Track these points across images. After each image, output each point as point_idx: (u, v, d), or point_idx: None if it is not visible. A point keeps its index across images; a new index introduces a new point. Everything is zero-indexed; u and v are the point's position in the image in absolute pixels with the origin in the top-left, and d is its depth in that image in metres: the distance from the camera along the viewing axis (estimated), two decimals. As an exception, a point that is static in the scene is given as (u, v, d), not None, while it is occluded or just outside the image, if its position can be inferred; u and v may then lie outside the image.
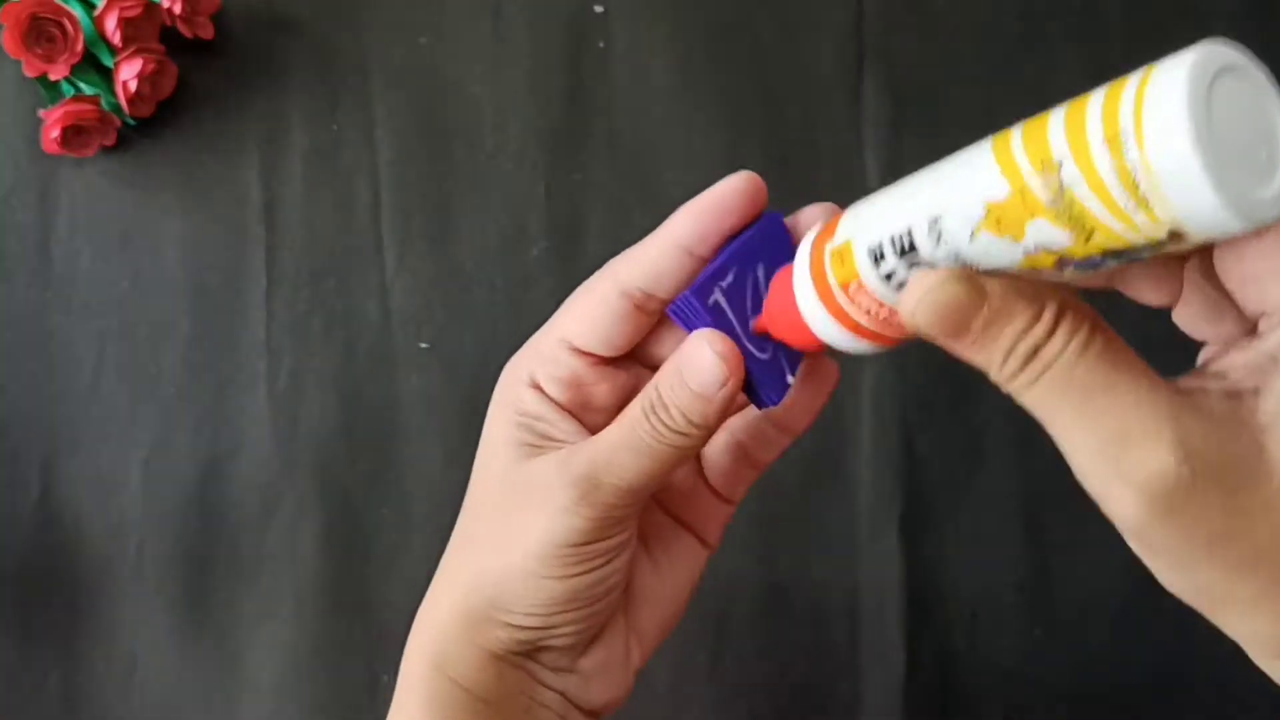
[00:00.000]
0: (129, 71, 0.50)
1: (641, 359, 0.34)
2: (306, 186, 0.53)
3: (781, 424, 0.35)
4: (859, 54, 0.54)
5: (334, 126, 0.53)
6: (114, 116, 0.51)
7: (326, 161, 0.53)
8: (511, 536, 0.32)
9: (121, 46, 0.50)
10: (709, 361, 0.30)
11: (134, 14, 0.50)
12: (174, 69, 0.52)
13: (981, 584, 0.52)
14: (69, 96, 0.51)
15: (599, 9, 0.54)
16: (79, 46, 0.50)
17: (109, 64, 0.51)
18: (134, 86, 0.50)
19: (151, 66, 0.50)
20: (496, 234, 0.53)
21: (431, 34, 0.54)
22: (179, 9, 0.51)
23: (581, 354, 0.33)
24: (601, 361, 0.33)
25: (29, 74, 0.50)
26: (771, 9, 0.55)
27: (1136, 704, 0.51)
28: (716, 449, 0.36)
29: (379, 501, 0.52)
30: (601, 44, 0.54)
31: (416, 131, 0.53)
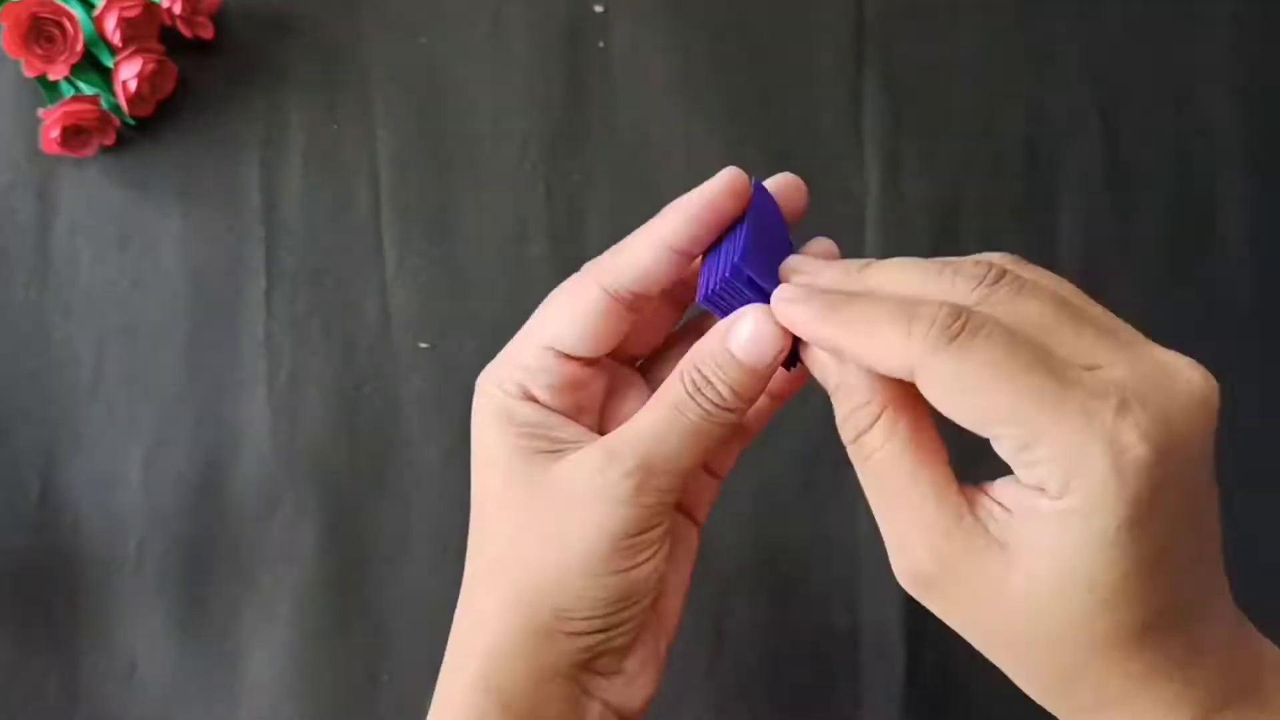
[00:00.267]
0: (129, 71, 0.50)
1: (614, 352, 0.34)
2: (306, 186, 0.53)
3: (774, 391, 0.35)
4: (859, 54, 0.54)
5: (334, 126, 0.53)
6: (113, 116, 0.51)
7: (326, 161, 0.53)
8: (564, 539, 0.32)
9: (121, 46, 0.50)
10: (761, 333, 0.30)
11: (134, 14, 0.50)
12: (174, 69, 0.52)
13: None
14: (68, 96, 0.51)
15: (599, 9, 0.54)
16: (79, 46, 0.50)
17: (109, 64, 0.51)
18: (134, 86, 0.50)
19: (151, 66, 0.50)
20: (496, 234, 0.53)
21: (431, 34, 0.54)
22: (179, 9, 0.51)
23: (569, 358, 0.33)
24: (585, 363, 0.33)
25: (28, 74, 0.50)
26: (771, 9, 0.55)
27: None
28: None
29: (379, 501, 0.52)
30: (601, 44, 0.54)
31: (416, 131, 0.53)
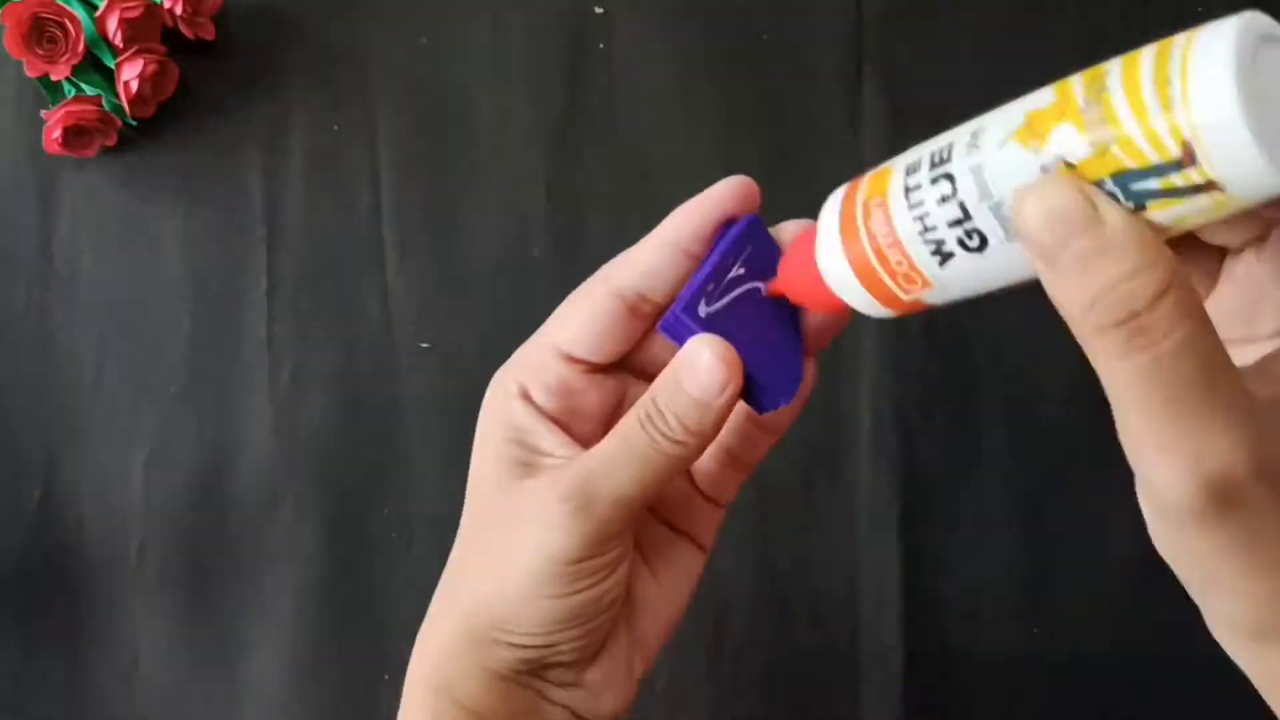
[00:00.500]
0: (130, 72, 0.50)
1: (630, 367, 0.34)
2: (307, 187, 0.53)
3: (766, 425, 0.35)
4: (859, 54, 0.54)
5: (335, 127, 0.53)
6: (115, 117, 0.51)
7: (327, 162, 0.53)
8: (507, 557, 0.31)
9: (123, 47, 0.50)
10: (709, 365, 0.30)
11: (135, 15, 0.50)
12: (175, 70, 0.52)
13: (981, 583, 0.52)
14: (70, 97, 0.51)
15: (599, 9, 0.54)
16: (80, 47, 0.50)
17: (110, 64, 0.51)
18: (135, 87, 0.50)
19: (153, 67, 0.50)
20: (496, 234, 0.53)
21: (431, 34, 0.54)
22: (180, 10, 0.51)
23: (573, 361, 0.33)
24: (592, 369, 0.33)
25: (30, 74, 0.50)
26: (771, 9, 0.55)
27: (1135, 703, 0.51)
28: (704, 456, 0.35)
29: (379, 501, 0.52)
30: (601, 44, 0.54)
31: (417, 132, 0.54)
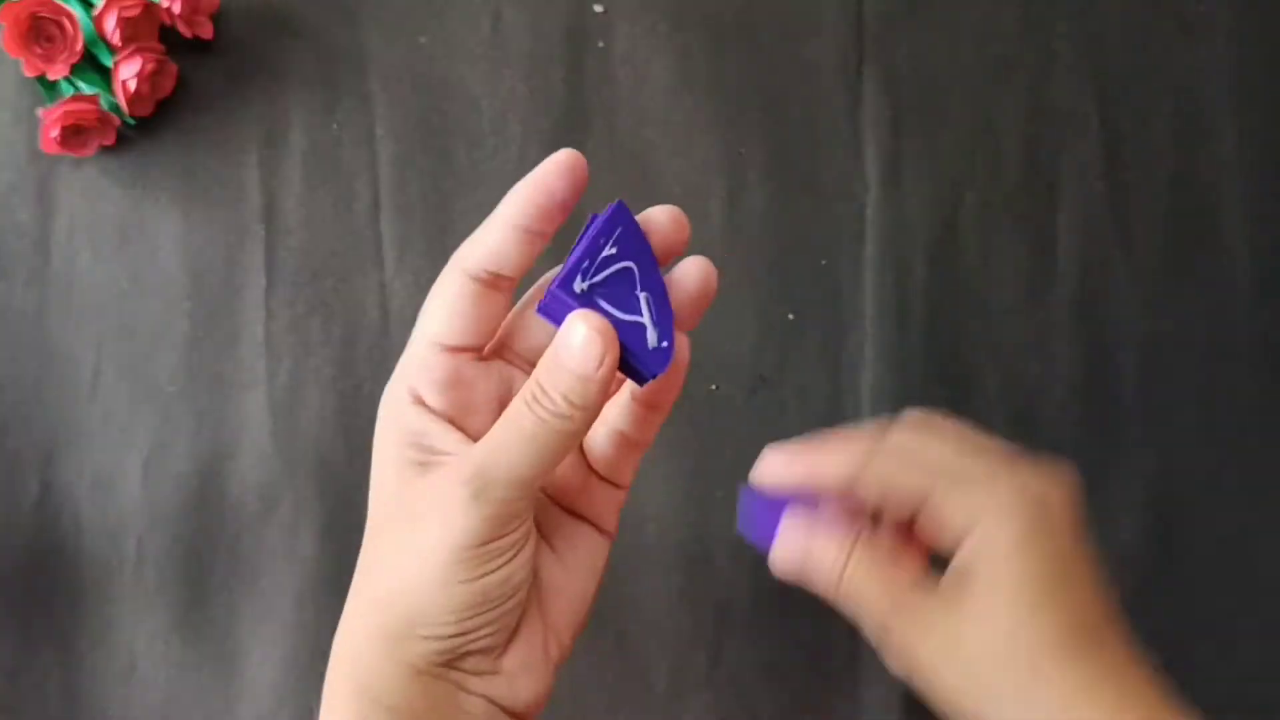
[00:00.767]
0: (128, 71, 0.50)
1: (511, 359, 0.36)
2: (306, 186, 0.53)
3: (650, 403, 0.36)
4: (859, 54, 0.54)
5: (334, 126, 0.53)
6: (113, 116, 0.51)
7: (326, 161, 0.53)
8: (413, 549, 0.32)
9: (121, 46, 0.50)
10: (584, 339, 0.31)
11: (133, 13, 0.50)
12: (173, 69, 0.52)
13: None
14: (68, 96, 0.51)
15: (599, 9, 0.54)
16: (78, 46, 0.50)
17: (108, 63, 0.51)
18: (133, 86, 0.50)
19: (151, 66, 0.50)
20: (496, 234, 0.53)
21: (431, 34, 0.54)
22: (178, 8, 0.51)
23: (452, 351, 0.34)
24: (473, 356, 0.34)
25: (28, 73, 0.50)
26: (771, 9, 0.55)
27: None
28: (598, 440, 0.37)
29: (379, 501, 0.51)
30: (601, 44, 0.54)
31: (416, 131, 0.53)
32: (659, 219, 0.34)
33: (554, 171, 0.33)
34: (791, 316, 0.53)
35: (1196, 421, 0.53)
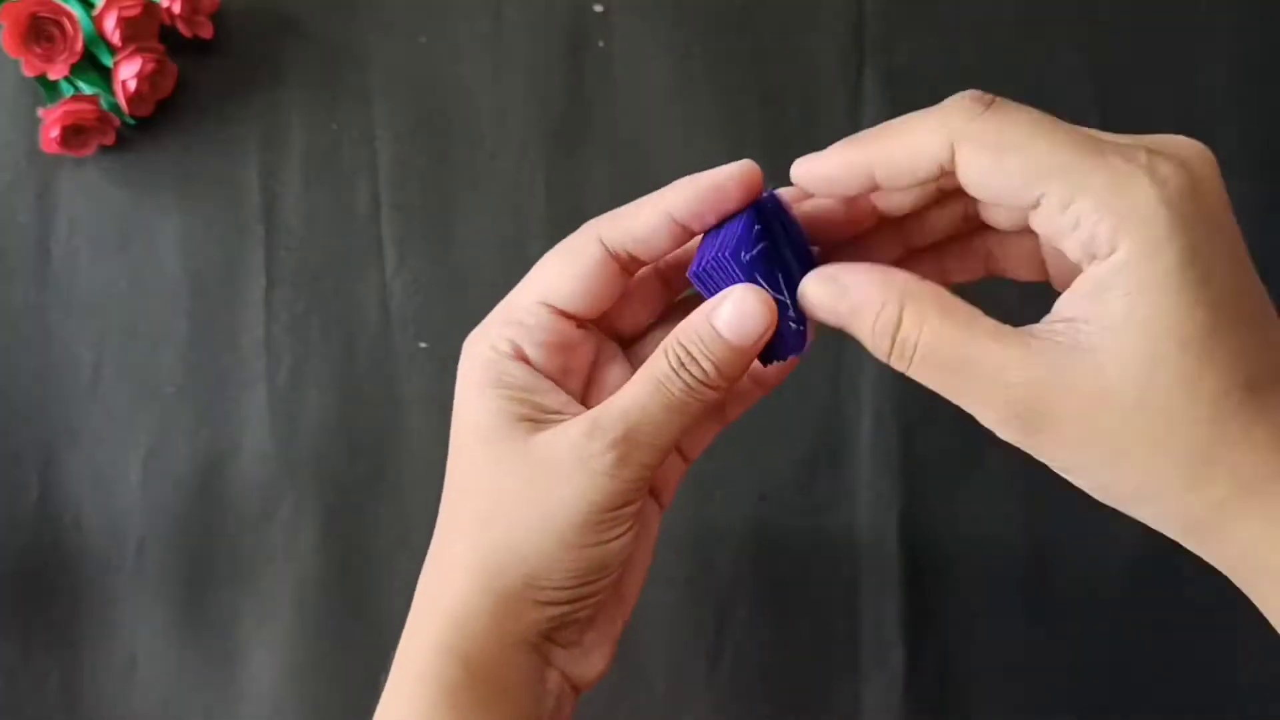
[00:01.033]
0: (128, 71, 0.50)
1: (602, 325, 0.35)
2: (306, 186, 0.53)
3: (764, 380, 0.36)
4: (859, 54, 0.54)
5: (333, 126, 0.53)
6: (113, 116, 0.51)
7: (326, 161, 0.53)
8: (543, 507, 0.32)
9: (121, 46, 0.50)
10: (752, 313, 0.31)
11: (133, 13, 0.50)
12: (173, 68, 0.52)
13: (982, 583, 0.52)
14: (68, 96, 0.51)
15: (599, 9, 0.54)
16: (78, 46, 0.50)
17: (108, 63, 0.51)
18: (133, 86, 0.50)
19: (151, 66, 0.50)
20: (496, 234, 0.53)
21: (431, 34, 0.54)
22: (178, 8, 0.51)
23: (563, 315, 0.33)
24: (579, 324, 0.34)
25: (28, 73, 0.50)
26: (771, 9, 0.55)
27: (1137, 703, 0.51)
28: None
29: (379, 501, 0.52)
30: (601, 44, 0.54)
31: (416, 131, 0.53)
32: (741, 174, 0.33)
33: (732, 177, 0.32)
34: (791, 316, 0.53)
35: (1196, 421, 0.53)
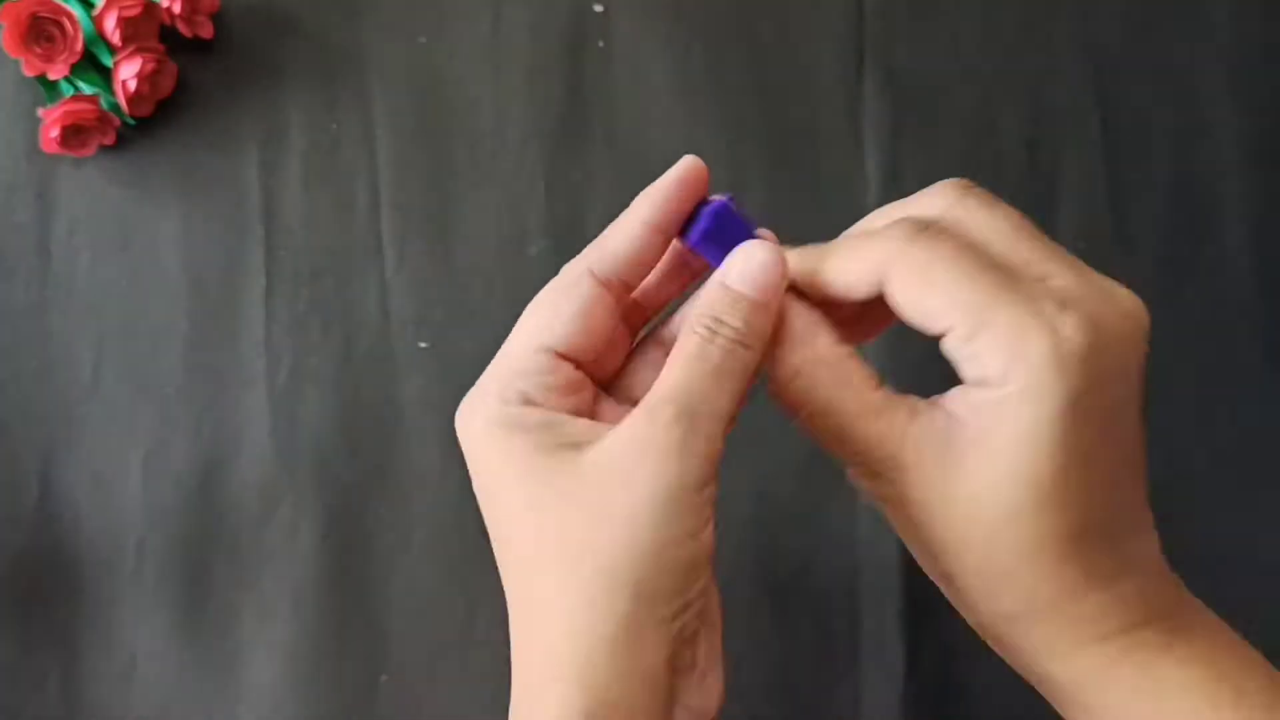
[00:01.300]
0: (128, 71, 0.50)
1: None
2: (306, 186, 0.53)
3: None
4: (859, 54, 0.54)
5: (333, 126, 0.53)
6: (113, 116, 0.51)
7: (326, 161, 0.53)
8: (624, 511, 0.29)
9: (121, 46, 0.50)
10: (767, 259, 0.31)
11: (133, 13, 0.50)
12: (173, 68, 0.52)
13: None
14: (68, 96, 0.51)
15: (599, 9, 0.54)
16: (78, 46, 0.50)
17: (108, 63, 0.51)
18: (133, 86, 0.50)
19: (151, 66, 0.50)
20: (496, 234, 0.53)
21: (431, 34, 0.54)
22: (178, 8, 0.51)
23: (565, 359, 0.32)
24: (578, 365, 0.33)
25: (28, 73, 0.50)
26: (771, 9, 0.55)
27: (1136, 704, 0.51)
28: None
29: (379, 501, 0.51)
30: (601, 44, 0.54)
31: (416, 131, 0.53)
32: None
33: (687, 171, 0.33)
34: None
35: (1196, 421, 0.53)
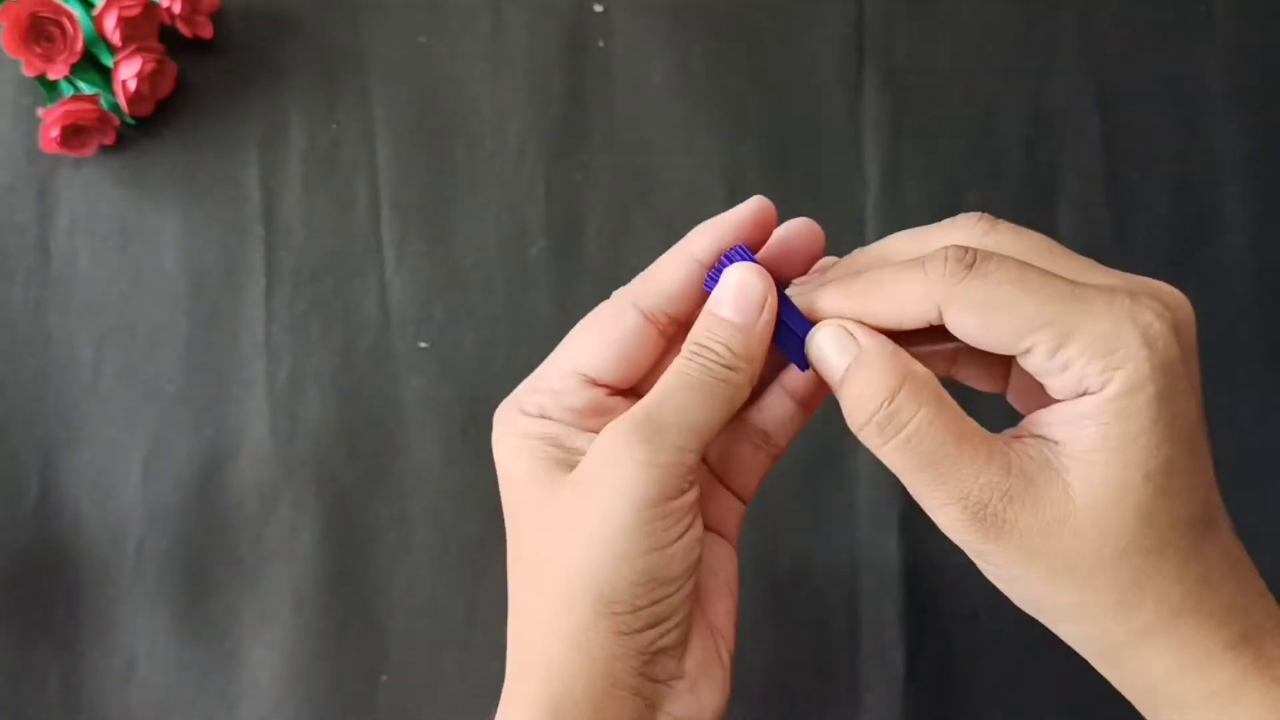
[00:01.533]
0: (128, 71, 0.50)
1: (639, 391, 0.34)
2: (306, 186, 0.53)
3: (806, 401, 0.35)
4: (859, 54, 0.54)
5: (333, 126, 0.53)
6: (113, 116, 0.51)
7: (326, 161, 0.53)
8: (587, 520, 0.30)
9: (121, 46, 0.50)
10: (739, 284, 0.31)
11: (133, 13, 0.50)
12: (173, 68, 0.52)
13: (981, 584, 0.51)
14: (68, 96, 0.51)
15: (599, 9, 0.54)
16: (78, 46, 0.50)
17: (108, 63, 0.51)
18: (133, 86, 0.50)
19: (151, 66, 0.50)
20: (496, 234, 0.53)
21: (431, 33, 0.54)
22: (178, 8, 0.51)
23: (596, 385, 0.33)
24: (614, 391, 0.33)
25: (28, 73, 0.50)
26: (771, 9, 0.55)
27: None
28: (733, 445, 0.35)
29: (379, 501, 0.52)
30: (601, 44, 0.54)
31: (416, 131, 0.53)
32: (799, 233, 0.34)
33: (751, 213, 0.33)
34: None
35: (1196, 421, 0.53)
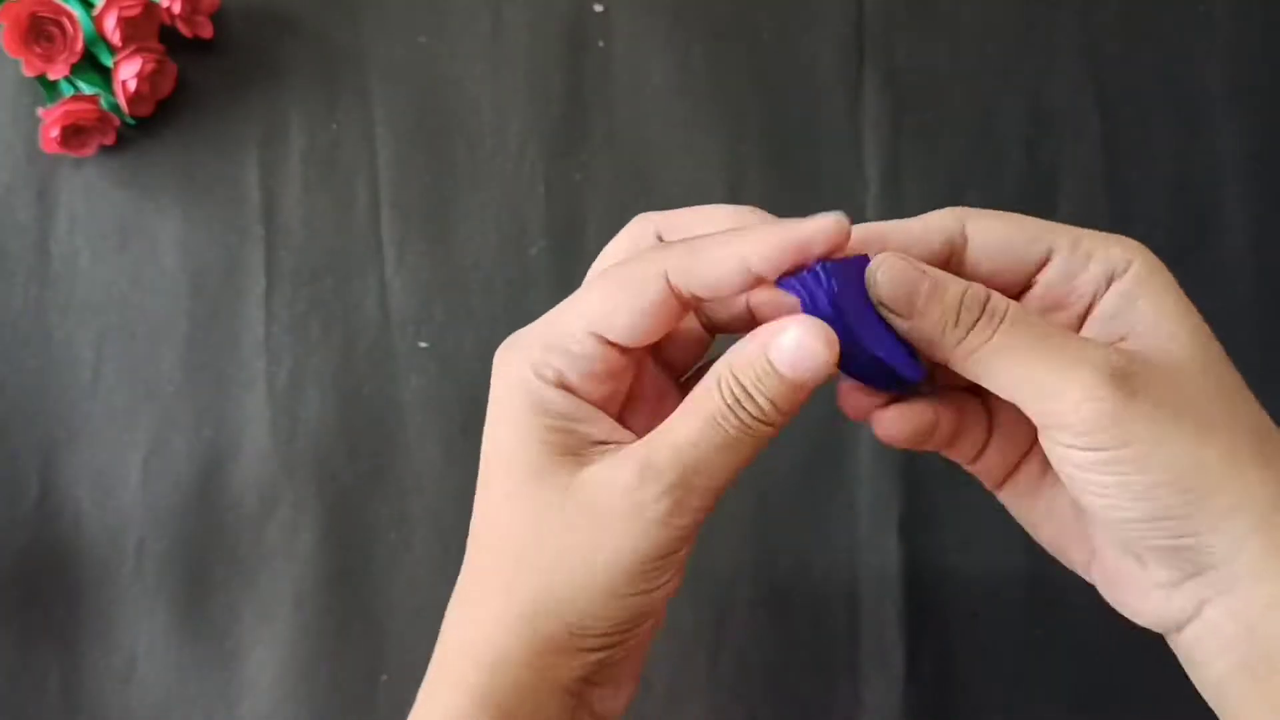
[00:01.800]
0: (128, 71, 0.50)
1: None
2: (305, 186, 0.53)
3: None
4: (859, 54, 0.54)
5: (333, 126, 0.53)
6: (113, 116, 0.51)
7: (326, 161, 0.53)
8: (589, 555, 0.30)
9: (121, 46, 0.50)
10: (818, 351, 0.29)
11: (133, 13, 0.50)
12: (173, 68, 0.52)
13: (981, 584, 0.52)
14: (68, 96, 0.51)
15: (599, 9, 0.54)
16: (78, 46, 0.50)
17: (108, 63, 0.51)
18: (133, 86, 0.50)
19: (151, 66, 0.50)
20: (496, 234, 0.53)
21: (431, 33, 0.54)
22: (178, 8, 0.51)
23: (612, 346, 0.31)
24: (625, 351, 0.31)
25: (28, 73, 0.50)
26: (771, 9, 0.55)
27: (1137, 704, 0.51)
28: None
29: (379, 501, 0.51)
30: (601, 44, 0.54)
31: (416, 131, 0.53)
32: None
33: (823, 231, 0.30)
34: (791, 316, 0.53)
35: (1196, 421, 0.53)
